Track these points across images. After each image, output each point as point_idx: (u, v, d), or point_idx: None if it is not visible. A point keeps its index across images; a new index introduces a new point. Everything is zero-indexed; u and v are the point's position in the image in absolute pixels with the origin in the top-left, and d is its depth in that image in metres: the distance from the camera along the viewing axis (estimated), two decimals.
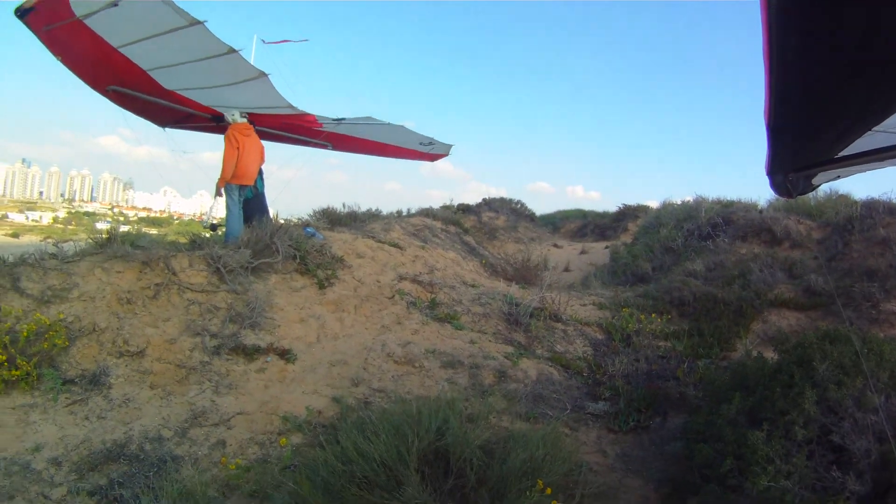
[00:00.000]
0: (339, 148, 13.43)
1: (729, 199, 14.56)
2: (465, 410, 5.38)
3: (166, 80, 9.06)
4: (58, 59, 7.86)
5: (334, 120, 11.30)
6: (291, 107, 9.75)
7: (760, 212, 12.59)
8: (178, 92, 9.62)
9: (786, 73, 2.08)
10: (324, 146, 13.00)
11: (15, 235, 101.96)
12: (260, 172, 10.64)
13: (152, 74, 8.77)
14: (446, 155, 14.86)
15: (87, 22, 7.12)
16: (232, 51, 7.70)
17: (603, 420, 6.37)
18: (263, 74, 8.49)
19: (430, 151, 14.22)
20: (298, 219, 12.27)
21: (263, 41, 10.49)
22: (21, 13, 6.78)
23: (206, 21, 6.95)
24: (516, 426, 5.84)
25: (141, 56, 8.22)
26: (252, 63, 8.75)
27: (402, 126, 12.14)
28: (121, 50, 7.94)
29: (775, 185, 4.65)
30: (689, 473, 5.01)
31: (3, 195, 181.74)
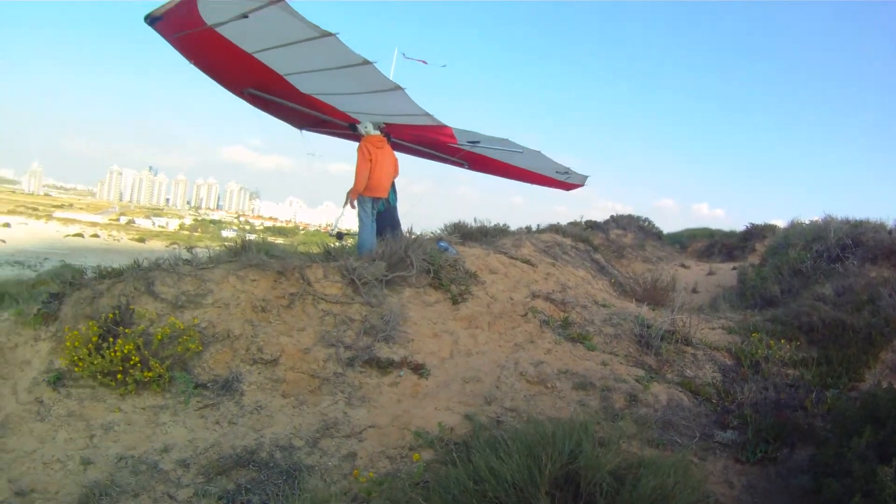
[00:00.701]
0: (474, 168, 13.56)
1: (857, 218, 14.14)
2: (596, 434, 5.56)
3: (303, 85, 9.18)
4: (190, 61, 8.08)
5: (470, 142, 11.52)
6: (428, 115, 9.76)
7: (890, 233, 12.26)
8: (315, 96, 9.76)
9: None
10: (460, 164, 13.20)
11: (141, 240, 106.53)
12: (393, 185, 10.83)
13: (289, 79, 8.91)
14: (582, 185, 14.84)
15: (219, 30, 7.25)
16: (366, 62, 7.75)
17: (730, 450, 6.37)
18: (399, 88, 8.64)
19: (566, 181, 14.25)
20: (431, 233, 12.40)
21: (404, 55, 10.67)
22: (151, 20, 6.90)
23: (338, 33, 6.98)
24: (646, 452, 5.81)
25: (276, 62, 8.32)
26: (391, 76, 8.86)
27: (538, 152, 12.18)
28: (256, 55, 8.06)
29: None
30: None
31: (131, 201, 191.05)
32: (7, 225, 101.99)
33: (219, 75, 8.95)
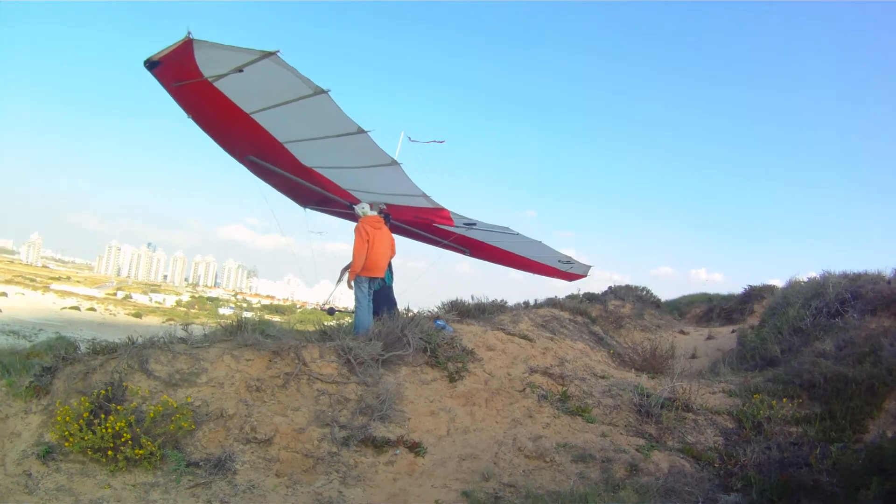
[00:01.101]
0: (476, 255, 13.72)
1: (856, 271, 14.14)
2: None
3: (302, 156, 9.36)
4: (189, 116, 8.14)
5: (465, 224, 11.62)
6: (426, 196, 9.99)
7: (889, 282, 12.18)
8: (316, 170, 9.94)
9: None
10: (462, 251, 13.32)
11: (137, 315, 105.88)
12: (389, 265, 10.93)
13: (288, 147, 9.06)
14: (585, 276, 14.96)
15: (217, 84, 7.44)
16: (361, 131, 7.95)
17: None
18: (395, 163, 8.77)
19: (568, 270, 14.35)
20: (429, 311, 12.42)
21: (409, 139, 10.80)
22: (150, 65, 7.00)
23: (329, 90, 7.16)
24: None
25: (275, 126, 8.50)
26: (396, 156, 9.04)
27: (539, 242, 12.30)
28: (254, 116, 8.21)
29: None
30: None
31: (128, 276, 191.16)
32: (4, 294, 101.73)
33: (219, 135, 9.04)
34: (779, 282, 19.24)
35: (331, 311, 11.17)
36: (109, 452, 6.32)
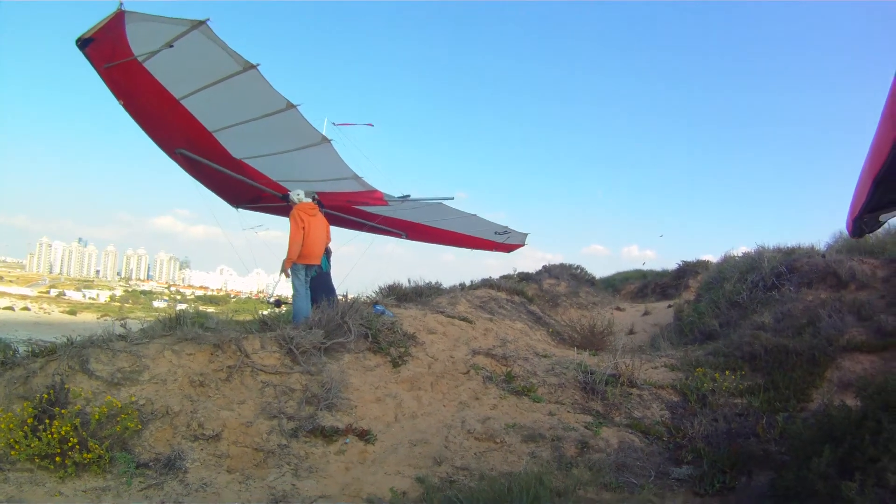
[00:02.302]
0: (413, 237, 13.66)
1: (789, 245, 14.49)
2: (552, 485, 5.43)
3: (233, 146, 9.24)
4: (119, 102, 7.93)
5: (399, 197, 11.52)
6: (357, 178, 9.96)
7: (823, 256, 12.51)
8: (246, 161, 9.81)
9: None
10: (398, 234, 13.23)
11: (72, 313, 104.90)
12: (326, 251, 10.80)
13: (217, 136, 8.95)
14: (522, 245, 14.97)
15: (147, 65, 7.38)
16: (291, 106, 7.96)
17: (688, 484, 6.29)
18: (326, 140, 8.72)
19: (505, 241, 14.35)
20: (367, 297, 12.41)
21: (334, 123, 10.48)
22: (82, 43, 6.89)
23: (259, 64, 7.18)
24: (603, 497, 5.87)
25: (204, 113, 8.42)
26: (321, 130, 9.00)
27: (474, 215, 12.29)
28: (183, 102, 8.14)
29: (855, 227, 4.85)
30: None
31: (60, 273, 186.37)
32: None
33: (149, 124, 8.77)
34: (712, 257, 19.74)
35: (277, 304, 10.95)
36: (57, 458, 6.06)
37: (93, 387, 6.96)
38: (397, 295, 13.28)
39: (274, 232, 12.18)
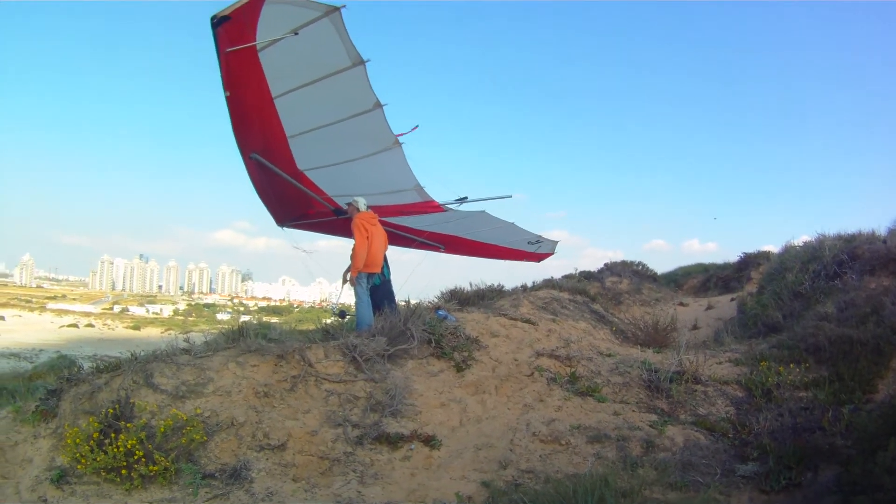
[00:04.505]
0: (450, 250, 13.77)
1: (850, 232, 14.19)
2: (617, 485, 5.45)
3: (301, 155, 9.41)
4: (225, 94, 7.84)
5: (457, 200, 11.64)
6: (419, 188, 10.21)
7: (884, 242, 12.24)
8: (307, 173, 10.01)
9: None
10: (437, 248, 13.36)
11: (136, 328, 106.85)
12: (385, 259, 10.92)
13: (291, 143, 9.08)
14: (552, 254, 15.02)
15: (261, 55, 7.39)
16: (378, 105, 8.10)
17: (754, 481, 6.24)
18: (398, 143, 8.90)
19: (536, 251, 14.41)
20: (428, 302, 12.57)
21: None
22: (217, 21, 6.82)
23: (369, 60, 7.29)
24: (669, 497, 5.82)
25: (289, 115, 8.51)
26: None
27: (512, 223, 12.33)
28: (276, 101, 8.22)
29: None
30: None
31: (123, 290, 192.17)
32: (1, 318, 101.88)
33: (242, 122, 8.74)
34: (773, 247, 19.31)
35: (342, 315, 11.12)
36: (123, 471, 6.24)
37: (158, 400, 7.17)
38: (459, 299, 13.28)
39: (326, 242, 12.36)
